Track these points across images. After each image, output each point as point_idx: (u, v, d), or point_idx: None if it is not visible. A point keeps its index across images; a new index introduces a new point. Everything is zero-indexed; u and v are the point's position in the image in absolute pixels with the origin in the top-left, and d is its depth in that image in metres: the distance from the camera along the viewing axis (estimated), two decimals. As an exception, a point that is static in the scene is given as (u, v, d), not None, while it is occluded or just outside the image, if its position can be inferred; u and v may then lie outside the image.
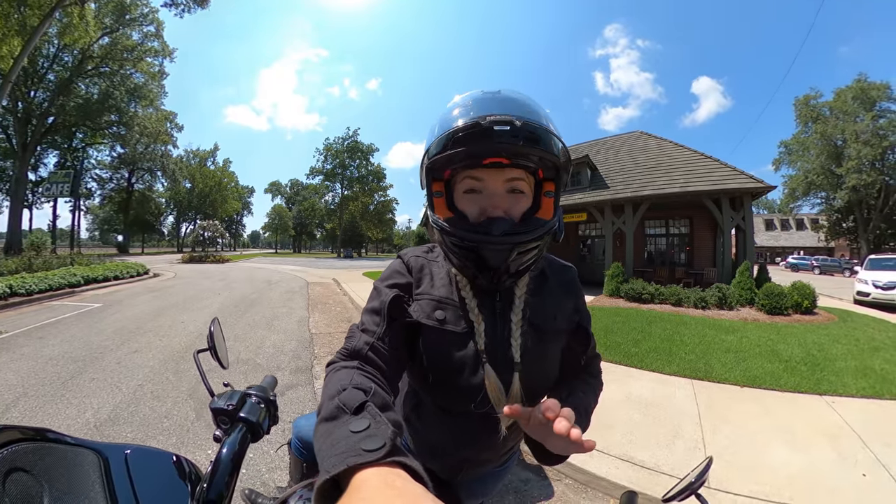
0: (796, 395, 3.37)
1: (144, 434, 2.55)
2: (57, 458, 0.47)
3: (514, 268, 0.63)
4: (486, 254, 0.60)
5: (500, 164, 0.62)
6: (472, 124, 0.59)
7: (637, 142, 14.23)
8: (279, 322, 6.34)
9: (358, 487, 0.33)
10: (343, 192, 51.97)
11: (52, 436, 0.50)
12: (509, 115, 0.58)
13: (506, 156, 0.61)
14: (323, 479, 0.35)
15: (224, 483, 0.56)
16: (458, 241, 0.61)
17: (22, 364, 3.87)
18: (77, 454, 0.51)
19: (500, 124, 0.58)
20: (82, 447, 0.53)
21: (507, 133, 0.58)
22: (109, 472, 0.52)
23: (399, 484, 0.32)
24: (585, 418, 0.69)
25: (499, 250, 0.59)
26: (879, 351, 4.81)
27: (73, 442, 0.52)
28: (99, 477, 0.50)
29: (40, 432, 0.49)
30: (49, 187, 27.67)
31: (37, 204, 33.47)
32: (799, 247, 40.35)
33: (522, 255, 0.61)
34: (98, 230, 69.66)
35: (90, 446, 0.54)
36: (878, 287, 9.96)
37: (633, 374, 3.86)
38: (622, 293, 9.11)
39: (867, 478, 2.16)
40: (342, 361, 0.61)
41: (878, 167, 27.53)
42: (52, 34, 21.62)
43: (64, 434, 0.52)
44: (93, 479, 0.49)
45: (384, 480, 0.33)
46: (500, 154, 0.60)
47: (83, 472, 0.49)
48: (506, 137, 0.58)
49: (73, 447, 0.51)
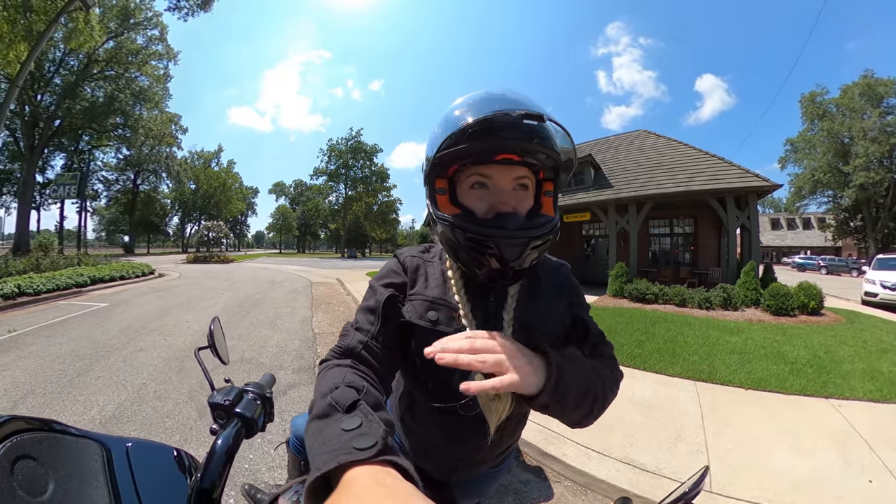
0: (802, 398, 3.33)
1: (148, 432, 2.59)
2: (62, 447, 0.49)
3: (527, 263, 0.62)
4: (501, 248, 0.59)
5: (510, 161, 0.62)
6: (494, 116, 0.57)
7: (640, 141, 14.16)
8: (283, 322, 6.37)
9: (348, 485, 0.33)
10: (347, 193, 52.12)
11: (57, 427, 0.52)
12: (539, 111, 0.58)
13: (518, 153, 0.61)
14: (314, 476, 0.35)
15: (217, 474, 0.58)
16: (472, 235, 0.60)
17: (30, 362, 3.93)
18: (81, 445, 0.52)
19: (530, 118, 0.58)
20: (86, 438, 0.54)
21: (527, 128, 0.58)
22: (112, 463, 0.54)
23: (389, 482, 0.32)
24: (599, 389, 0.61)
25: (515, 244, 0.59)
26: (887, 353, 4.74)
27: (78, 433, 0.54)
28: (101, 467, 0.51)
29: (46, 423, 0.50)
30: (56, 189, 27.98)
31: (44, 205, 33.94)
32: (805, 246, 39.88)
33: (534, 250, 0.62)
34: (104, 231, 70.34)
35: (94, 437, 0.56)
36: (887, 287, 9.80)
37: (635, 376, 3.84)
38: (626, 293, 9.06)
39: (874, 484, 2.11)
40: (335, 359, 0.62)
41: (887, 164, 27.10)
42: (57, 39, 21.97)
43: (69, 425, 0.54)
44: (95, 469, 0.51)
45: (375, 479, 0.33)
46: (514, 151, 0.61)
47: (87, 462, 0.50)
48: (524, 133, 0.58)
49: (78, 438, 0.53)
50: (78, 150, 34.20)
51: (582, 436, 2.51)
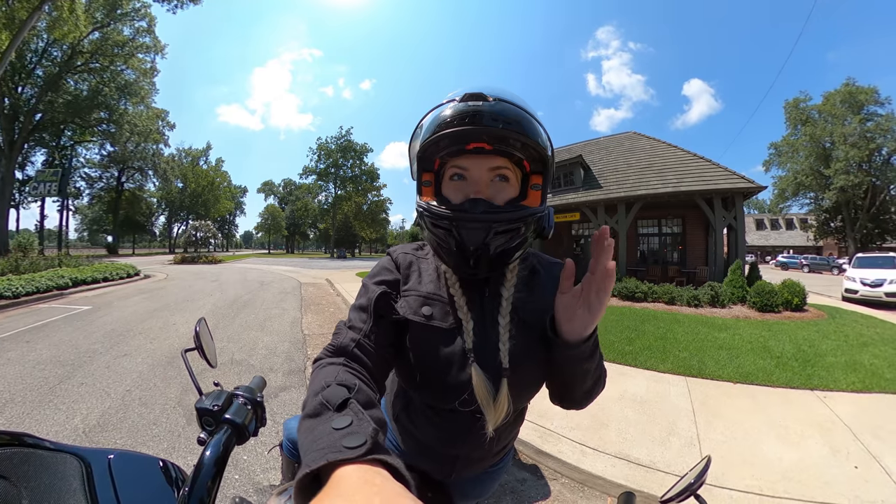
0: (788, 391, 3.42)
1: (134, 440, 2.50)
2: (36, 463, 0.45)
3: (493, 250, 0.61)
4: (462, 232, 0.59)
5: (483, 151, 0.61)
6: (449, 104, 0.61)
7: (630, 142, 14.35)
8: (272, 323, 6.27)
9: (337, 483, 0.33)
10: (336, 192, 51.61)
11: (29, 440, 0.48)
12: (482, 92, 0.59)
13: (487, 140, 0.60)
14: (303, 473, 0.35)
15: (206, 488, 0.54)
16: (435, 219, 0.61)
17: (8, 369, 3.78)
18: (57, 459, 0.49)
19: (473, 99, 0.59)
20: (62, 452, 0.50)
21: (487, 114, 0.58)
22: (92, 478, 0.50)
23: (378, 481, 0.32)
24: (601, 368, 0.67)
25: (474, 228, 0.59)
26: (868, 346, 4.90)
27: (53, 447, 0.50)
28: (80, 483, 0.48)
29: (17, 437, 0.47)
30: (36, 186, 27.08)
31: (24, 204, 32.82)
32: (788, 246, 40.99)
33: (500, 235, 0.60)
34: (87, 231, 68.38)
35: (71, 451, 0.52)
36: (866, 284, 10.19)
37: (627, 373, 3.88)
38: (615, 292, 9.15)
39: (859, 470, 2.19)
40: (328, 358, 0.61)
41: (866, 168, 28.17)
42: (40, 28, 21.18)
43: (42, 438, 0.50)
44: (74, 485, 0.47)
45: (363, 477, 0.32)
46: (481, 138, 0.60)
47: (64, 478, 0.47)
48: (485, 119, 0.59)
49: (53, 452, 0.49)
50: (60, 145, 33.07)
51: (577, 433, 2.53)
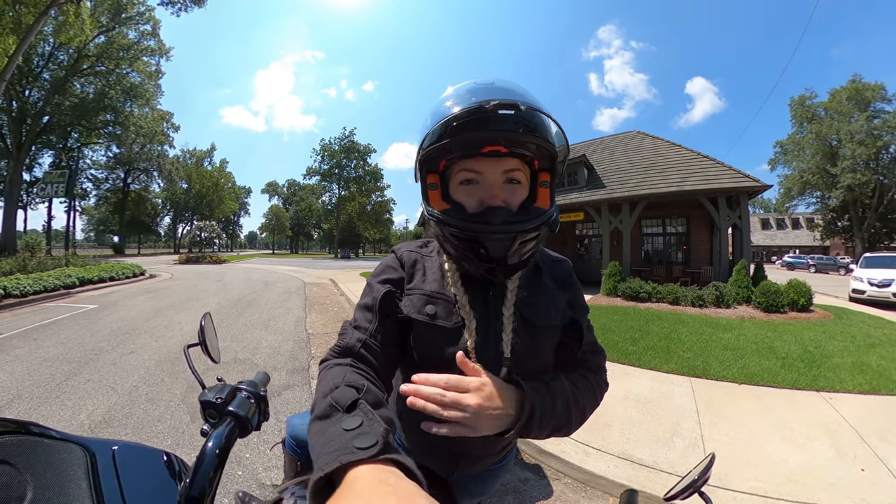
0: (794, 392, 3.38)
1: (139, 435, 2.53)
2: (41, 451, 0.46)
3: (516, 258, 0.61)
4: (488, 244, 0.58)
5: (497, 154, 0.60)
6: (473, 108, 0.56)
7: (634, 141, 14.26)
8: (276, 323, 6.30)
9: (351, 484, 0.33)
10: (340, 193, 51.77)
11: (36, 429, 0.49)
12: (514, 100, 0.57)
13: (505, 144, 0.59)
14: (317, 477, 0.36)
15: (208, 479, 0.54)
16: (458, 231, 0.60)
17: (16, 366, 3.83)
18: (63, 449, 0.49)
19: (505, 108, 0.56)
20: (68, 442, 0.51)
21: (511, 118, 0.57)
22: (96, 468, 0.50)
23: (392, 481, 0.32)
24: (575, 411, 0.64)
25: (501, 240, 0.58)
26: (875, 347, 4.83)
27: (59, 436, 0.51)
28: (85, 472, 0.48)
29: (23, 425, 0.47)
30: (44, 188, 27.42)
31: (31, 205, 33.22)
32: (794, 245, 40.58)
33: (524, 244, 0.60)
34: (93, 231, 68.98)
35: (76, 441, 0.53)
36: (874, 285, 10.04)
37: (631, 373, 3.86)
38: (619, 292, 9.12)
39: (866, 473, 2.16)
40: (335, 359, 0.61)
41: (873, 167, 27.76)
42: (47, 32, 21.47)
43: (49, 428, 0.51)
44: (78, 474, 0.48)
45: (377, 477, 0.33)
46: (498, 142, 0.59)
47: (68, 467, 0.47)
48: (507, 124, 0.57)
49: (59, 441, 0.50)
50: (66, 147, 33.49)
51: (580, 433, 2.49)
